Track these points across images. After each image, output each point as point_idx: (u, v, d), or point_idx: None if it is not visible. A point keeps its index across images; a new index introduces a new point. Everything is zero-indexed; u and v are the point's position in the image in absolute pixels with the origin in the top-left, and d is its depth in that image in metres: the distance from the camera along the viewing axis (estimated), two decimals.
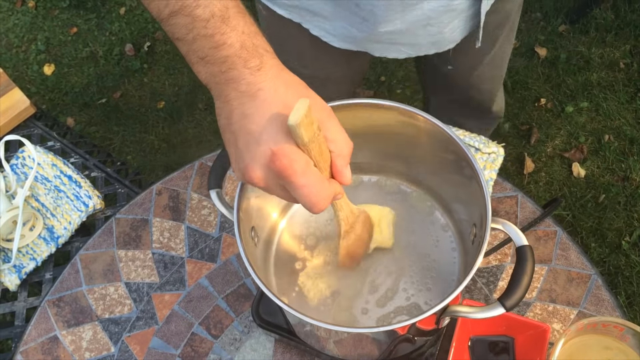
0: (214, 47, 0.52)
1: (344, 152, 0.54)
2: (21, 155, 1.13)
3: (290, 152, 0.50)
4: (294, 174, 0.50)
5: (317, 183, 0.51)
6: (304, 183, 0.50)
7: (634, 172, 1.85)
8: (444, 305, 0.59)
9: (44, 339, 0.87)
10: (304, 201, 0.52)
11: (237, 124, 0.52)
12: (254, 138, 0.51)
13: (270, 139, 0.50)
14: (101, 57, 2.34)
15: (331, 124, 0.53)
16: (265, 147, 0.50)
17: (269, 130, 0.50)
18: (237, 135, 0.52)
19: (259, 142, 0.50)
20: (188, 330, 0.86)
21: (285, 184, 0.51)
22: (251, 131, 0.51)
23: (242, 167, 0.53)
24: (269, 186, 0.53)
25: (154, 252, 0.93)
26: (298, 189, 0.51)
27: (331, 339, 0.70)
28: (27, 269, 1.04)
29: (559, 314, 0.83)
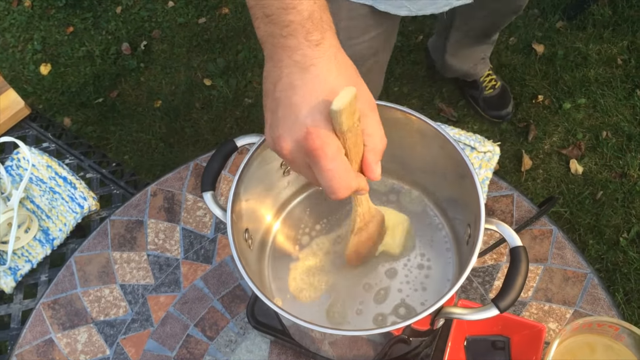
0: (283, 8, 0.51)
1: (377, 148, 0.54)
2: (16, 157, 1.12)
3: (325, 135, 0.50)
4: (323, 157, 0.50)
5: (343, 171, 0.51)
6: (330, 167, 0.50)
7: (632, 169, 1.84)
8: (439, 306, 0.59)
9: (39, 341, 0.87)
10: (326, 185, 0.52)
11: (281, 92, 0.51)
12: (294, 111, 0.51)
13: (309, 116, 0.50)
14: (98, 56, 2.34)
15: (371, 118, 0.54)
16: (303, 123, 0.50)
17: (310, 108, 0.50)
18: (279, 103, 0.52)
19: (297, 117, 0.50)
20: (183, 332, 0.86)
21: (312, 164, 0.51)
22: (293, 104, 0.51)
23: (274, 136, 0.53)
24: (294, 160, 0.53)
25: (149, 254, 0.92)
26: (323, 172, 0.51)
27: (326, 340, 0.70)
28: (23, 271, 1.04)
29: (554, 314, 0.82)
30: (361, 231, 0.70)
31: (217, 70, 2.23)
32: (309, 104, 0.50)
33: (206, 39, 2.33)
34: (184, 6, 2.43)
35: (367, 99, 0.54)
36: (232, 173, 0.98)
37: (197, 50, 2.31)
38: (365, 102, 0.53)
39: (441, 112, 2.03)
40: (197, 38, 2.34)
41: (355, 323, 0.73)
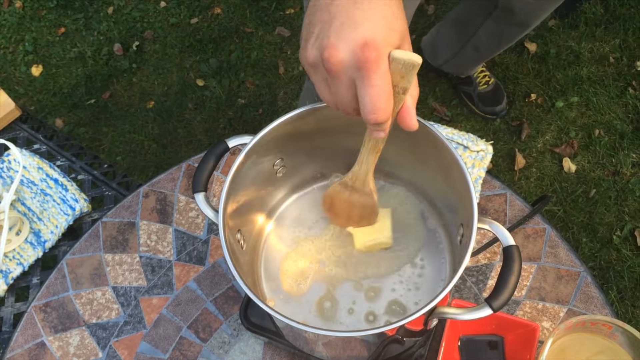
0: None
1: (414, 94, 0.54)
2: (6, 159, 1.12)
3: (383, 50, 0.49)
4: (376, 70, 0.49)
5: (389, 90, 0.51)
6: (378, 83, 0.50)
7: (625, 167, 1.85)
8: (432, 306, 0.59)
9: (31, 345, 0.86)
10: (370, 102, 0.50)
11: (341, 5, 0.51)
12: (354, 22, 0.50)
13: (370, 29, 0.49)
14: (89, 57, 2.33)
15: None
16: (363, 34, 0.49)
17: (372, 22, 0.49)
18: (336, 15, 0.51)
19: (356, 28, 0.50)
20: (176, 334, 0.85)
21: (361, 77, 0.50)
22: (354, 16, 0.50)
23: (324, 44, 0.51)
24: (340, 74, 0.51)
25: (141, 256, 0.92)
26: (370, 87, 0.50)
27: (320, 341, 0.70)
28: (14, 273, 1.03)
29: (548, 312, 0.82)
30: (345, 188, 0.70)
31: (210, 71, 2.22)
32: (371, 18, 0.50)
33: (198, 39, 2.32)
34: (176, 6, 2.42)
35: (409, 44, 0.54)
36: (224, 174, 0.97)
37: (190, 50, 2.30)
38: (408, 44, 0.53)
39: (434, 111, 2.03)
40: (190, 38, 2.33)
41: (348, 323, 0.73)
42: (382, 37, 0.49)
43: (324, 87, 0.54)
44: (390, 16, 0.50)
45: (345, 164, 0.81)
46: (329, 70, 0.52)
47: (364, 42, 0.49)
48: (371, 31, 0.49)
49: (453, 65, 1.91)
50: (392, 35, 0.50)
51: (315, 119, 0.69)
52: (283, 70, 2.18)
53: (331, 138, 0.74)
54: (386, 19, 0.50)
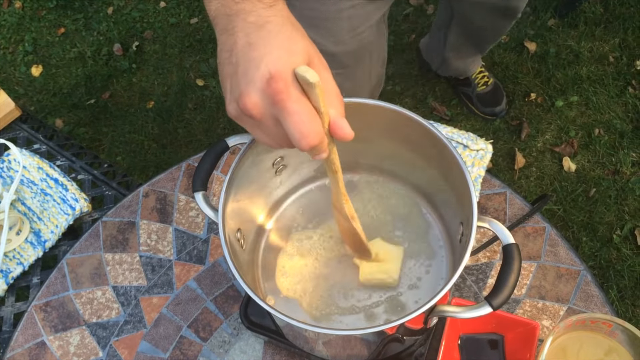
0: None
1: (335, 102, 0.53)
2: (6, 159, 1.12)
3: (288, 77, 0.49)
4: (288, 99, 0.49)
5: (309, 112, 0.50)
6: (296, 110, 0.49)
7: (624, 166, 1.85)
8: (432, 304, 0.59)
9: (31, 344, 0.86)
10: (293, 130, 0.50)
11: (239, 53, 0.51)
12: (255, 64, 0.50)
13: (270, 63, 0.49)
14: (89, 57, 2.33)
15: (325, 74, 0.53)
16: (265, 70, 0.49)
17: (271, 56, 0.50)
18: (238, 64, 0.51)
19: (258, 67, 0.50)
20: (177, 334, 0.85)
21: (278, 110, 0.50)
22: (252, 58, 0.50)
23: (237, 95, 0.51)
24: (262, 115, 0.51)
25: (141, 255, 0.92)
26: (289, 115, 0.49)
27: (320, 340, 0.70)
28: (15, 273, 1.03)
29: (548, 311, 0.82)
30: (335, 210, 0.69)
31: (210, 71, 2.22)
32: (268, 53, 0.50)
33: (198, 39, 2.32)
34: (175, 6, 2.43)
35: (320, 58, 0.53)
36: (224, 173, 0.97)
37: (190, 50, 2.30)
38: (319, 59, 0.53)
39: (434, 110, 2.03)
40: (189, 38, 2.33)
41: (348, 322, 0.73)
42: (284, 65, 0.49)
43: (257, 133, 0.54)
44: (286, 42, 0.51)
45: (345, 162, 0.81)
46: (251, 117, 0.52)
47: (269, 77, 0.49)
48: (272, 64, 0.49)
49: (446, 69, 1.92)
50: (294, 59, 0.50)
51: None
52: None
53: None
54: (283, 47, 0.50)
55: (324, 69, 0.53)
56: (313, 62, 0.52)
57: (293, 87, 0.49)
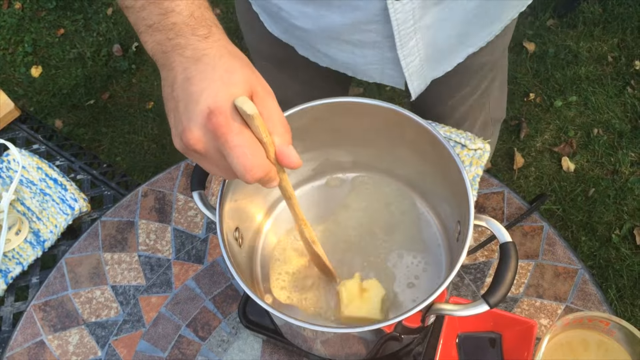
0: (162, 14, 0.52)
1: (279, 130, 0.52)
2: (6, 159, 1.12)
3: (228, 111, 0.49)
4: (229, 132, 0.49)
5: (252, 145, 0.49)
6: (238, 143, 0.49)
7: (623, 166, 1.85)
8: (429, 302, 0.59)
9: (30, 344, 0.86)
10: (237, 164, 0.49)
11: (179, 88, 0.51)
12: (194, 99, 0.50)
13: (209, 97, 0.49)
14: (89, 58, 2.33)
15: (270, 102, 0.52)
16: (204, 105, 0.49)
17: (209, 90, 0.49)
18: (179, 99, 0.51)
19: (198, 102, 0.49)
20: (175, 333, 0.85)
21: (220, 145, 0.49)
22: (192, 92, 0.50)
23: (180, 131, 0.51)
24: (207, 150, 0.51)
25: (140, 255, 0.92)
26: (232, 149, 0.49)
27: (318, 339, 0.70)
28: (14, 273, 1.03)
29: (546, 309, 0.83)
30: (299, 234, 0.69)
31: None
32: (207, 87, 0.50)
33: None
34: None
35: (263, 84, 0.53)
36: None
37: None
38: (262, 87, 0.52)
39: None
40: None
41: None
42: (223, 98, 0.49)
43: (205, 165, 0.54)
44: (224, 75, 0.50)
45: (342, 162, 0.81)
46: (195, 152, 0.52)
47: (209, 112, 0.49)
48: (211, 98, 0.49)
49: None
50: (233, 90, 0.50)
51: (312, 116, 0.70)
52: None
53: (329, 136, 0.75)
54: (221, 80, 0.50)
55: (268, 95, 0.52)
56: (255, 91, 0.51)
57: (233, 119, 0.49)
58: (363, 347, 0.70)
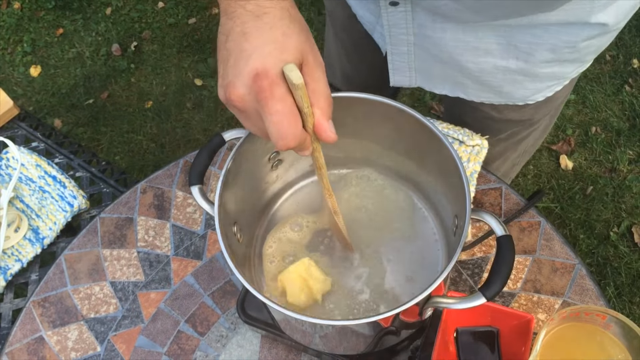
0: None
1: (321, 104, 0.53)
2: (5, 157, 1.12)
3: (274, 76, 0.49)
4: (271, 97, 0.49)
5: (290, 114, 0.50)
6: (277, 109, 0.50)
7: (621, 164, 1.86)
8: (426, 295, 0.59)
9: (30, 339, 0.87)
10: (273, 129, 0.50)
11: (233, 41, 0.51)
12: (245, 56, 0.50)
13: (259, 58, 0.50)
14: (88, 57, 2.33)
15: (318, 76, 0.53)
16: (253, 66, 0.50)
17: (261, 51, 0.50)
18: (230, 52, 0.52)
19: (248, 61, 0.50)
20: (174, 328, 0.86)
21: (260, 107, 0.50)
22: (244, 49, 0.50)
23: (225, 84, 0.52)
24: (247, 109, 0.52)
25: (139, 251, 0.92)
26: (270, 114, 0.50)
27: (317, 333, 0.70)
28: (13, 270, 1.04)
29: (543, 304, 0.83)
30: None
31: (208, 70, 2.23)
32: (260, 49, 0.50)
33: (196, 39, 2.33)
34: (174, 7, 2.43)
35: (315, 54, 0.53)
36: (221, 169, 0.98)
37: (188, 50, 2.31)
38: (313, 57, 0.53)
39: (432, 109, 2.04)
40: (188, 38, 2.33)
41: (343, 315, 0.74)
42: (273, 62, 0.50)
43: (243, 121, 0.55)
44: (280, 37, 0.51)
45: (341, 157, 0.82)
46: (235, 107, 0.53)
47: (255, 74, 0.49)
48: (260, 60, 0.50)
49: None
50: (284, 56, 0.50)
51: None
52: None
53: None
54: (275, 42, 0.50)
55: (318, 67, 0.53)
56: (307, 60, 0.52)
57: (278, 85, 0.49)
58: (361, 341, 0.70)
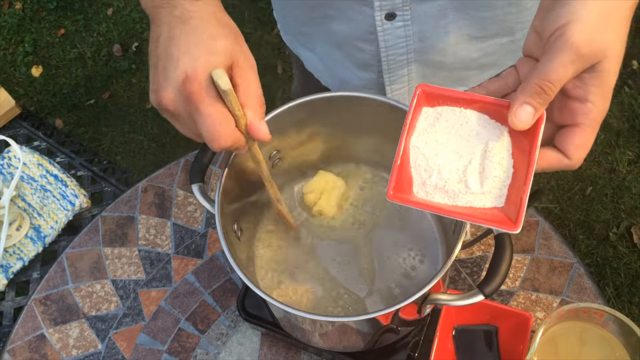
0: None
1: (253, 104, 0.53)
2: (7, 156, 1.13)
3: (203, 79, 0.49)
4: (202, 101, 0.50)
5: (221, 116, 0.51)
6: (209, 112, 0.50)
7: (621, 164, 1.86)
8: (424, 292, 0.60)
9: (31, 337, 0.87)
10: (205, 131, 0.51)
11: (162, 46, 0.52)
12: (174, 61, 0.50)
13: (188, 63, 0.50)
14: (89, 58, 2.34)
15: (249, 76, 0.53)
16: (182, 70, 0.50)
17: (189, 55, 0.50)
18: (159, 57, 0.52)
19: (177, 66, 0.50)
20: (175, 326, 0.86)
21: (192, 110, 0.51)
22: (172, 54, 0.51)
23: (156, 88, 0.52)
24: (179, 112, 0.52)
25: (140, 249, 0.93)
26: (202, 117, 0.50)
27: (316, 331, 0.71)
28: (15, 268, 1.04)
29: (541, 303, 0.84)
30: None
31: None
32: (187, 52, 0.50)
33: None
34: None
35: (246, 56, 0.53)
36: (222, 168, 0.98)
37: None
38: (244, 59, 0.53)
39: None
40: None
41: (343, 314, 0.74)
42: (201, 66, 0.50)
43: (176, 125, 0.55)
44: (207, 41, 0.51)
45: (341, 155, 0.82)
46: (167, 111, 0.53)
47: (185, 77, 0.50)
48: (190, 64, 0.50)
49: None
50: (213, 59, 0.50)
51: (311, 110, 0.70)
52: (281, 70, 2.19)
53: (327, 129, 0.76)
54: (203, 46, 0.50)
55: (249, 68, 0.53)
56: (237, 62, 0.52)
57: (207, 89, 0.50)
58: (360, 339, 0.71)
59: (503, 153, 0.52)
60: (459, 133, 0.53)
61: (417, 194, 0.54)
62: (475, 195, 0.53)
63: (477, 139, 0.53)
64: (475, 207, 0.53)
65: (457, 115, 0.54)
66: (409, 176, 0.54)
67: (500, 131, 0.53)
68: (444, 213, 0.53)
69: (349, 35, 0.78)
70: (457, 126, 0.53)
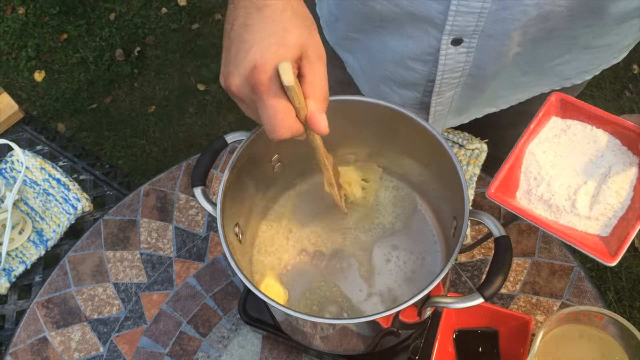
0: None
1: (317, 95, 0.54)
2: (10, 160, 1.13)
3: (271, 71, 0.50)
4: (266, 92, 0.51)
5: (284, 109, 0.52)
6: (272, 104, 0.51)
7: None
8: (424, 295, 0.60)
9: (33, 340, 0.88)
10: (266, 122, 0.52)
11: (236, 31, 0.53)
12: (245, 48, 0.51)
13: (258, 52, 0.50)
14: (91, 62, 2.35)
15: (316, 67, 0.54)
16: (251, 59, 0.51)
17: (260, 45, 0.51)
18: (232, 41, 0.53)
19: (247, 53, 0.51)
20: (176, 329, 0.87)
21: (256, 99, 0.52)
22: (245, 41, 0.52)
23: (225, 73, 0.53)
24: (242, 97, 0.53)
25: (142, 253, 0.93)
26: (265, 108, 0.51)
27: (317, 334, 0.71)
28: (17, 272, 1.04)
29: (542, 306, 0.84)
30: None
31: (211, 75, 2.24)
32: (259, 41, 0.51)
33: (199, 45, 2.34)
34: (177, 12, 2.45)
35: (316, 48, 0.54)
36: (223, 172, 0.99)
37: (191, 55, 2.32)
38: (314, 51, 0.53)
39: None
40: (191, 44, 2.35)
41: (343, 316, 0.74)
42: (271, 57, 0.50)
43: (242, 107, 0.56)
44: (280, 32, 0.51)
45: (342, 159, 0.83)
46: (233, 96, 0.54)
47: (253, 67, 0.50)
48: (260, 54, 0.50)
49: None
50: (283, 51, 0.51)
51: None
52: None
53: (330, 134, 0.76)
54: (276, 36, 0.51)
55: (317, 60, 0.54)
56: (306, 54, 0.53)
57: (273, 81, 0.50)
58: (361, 341, 0.71)
59: (625, 183, 0.50)
60: (584, 151, 0.51)
61: (519, 199, 0.53)
62: (580, 218, 0.51)
63: (600, 161, 0.51)
64: (577, 229, 0.52)
65: (587, 132, 0.51)
66: (516, 180, 0.53)
67: (630, 160, 0.50)
68: (543, 226, 0.51)
69: (403, 52, 0.76)
70: (583, 143, 0.51)
